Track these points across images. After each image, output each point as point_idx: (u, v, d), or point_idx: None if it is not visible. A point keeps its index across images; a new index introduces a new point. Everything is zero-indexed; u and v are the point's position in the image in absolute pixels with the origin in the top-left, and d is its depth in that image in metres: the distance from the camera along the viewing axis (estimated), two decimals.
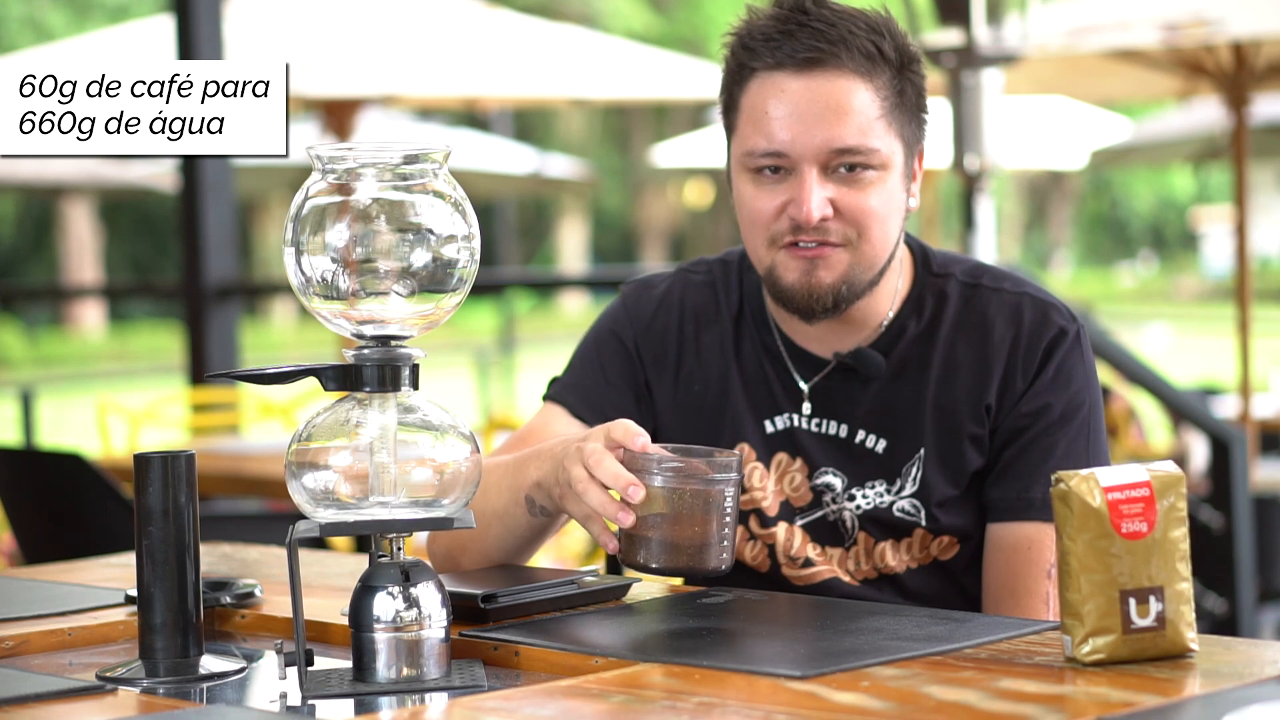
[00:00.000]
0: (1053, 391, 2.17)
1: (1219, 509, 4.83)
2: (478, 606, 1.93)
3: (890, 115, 2.13)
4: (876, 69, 2.12)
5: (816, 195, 2.11)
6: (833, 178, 2.12)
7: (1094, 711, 1.51)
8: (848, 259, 2.14)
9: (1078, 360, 2.19)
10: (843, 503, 2.21)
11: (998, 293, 2.22)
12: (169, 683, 1.80)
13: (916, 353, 2.21)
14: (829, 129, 2.10)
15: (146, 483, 1.81)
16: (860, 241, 2.14)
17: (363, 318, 1.79)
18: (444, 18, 7.56)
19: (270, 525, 4.15)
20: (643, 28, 25.02)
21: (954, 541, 2.19)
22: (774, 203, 2.14)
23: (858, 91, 2.11)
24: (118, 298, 22.88)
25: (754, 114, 2.14)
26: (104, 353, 24.79)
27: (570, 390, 2.30)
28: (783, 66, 2.12)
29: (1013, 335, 2.19)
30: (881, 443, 2.20)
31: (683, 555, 1.86)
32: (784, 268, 2.15)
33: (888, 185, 2.14)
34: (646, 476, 1.87)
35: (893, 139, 2.14)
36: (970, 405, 2.18)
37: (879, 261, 2.16)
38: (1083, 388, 2.18)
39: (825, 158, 2.11)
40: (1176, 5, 5.56)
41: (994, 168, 4.86)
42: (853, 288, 2.16)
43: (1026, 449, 2.16)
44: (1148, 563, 1.67)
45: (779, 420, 2.24)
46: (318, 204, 1.78)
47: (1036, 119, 10.23)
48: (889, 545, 2.19)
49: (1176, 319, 24.24)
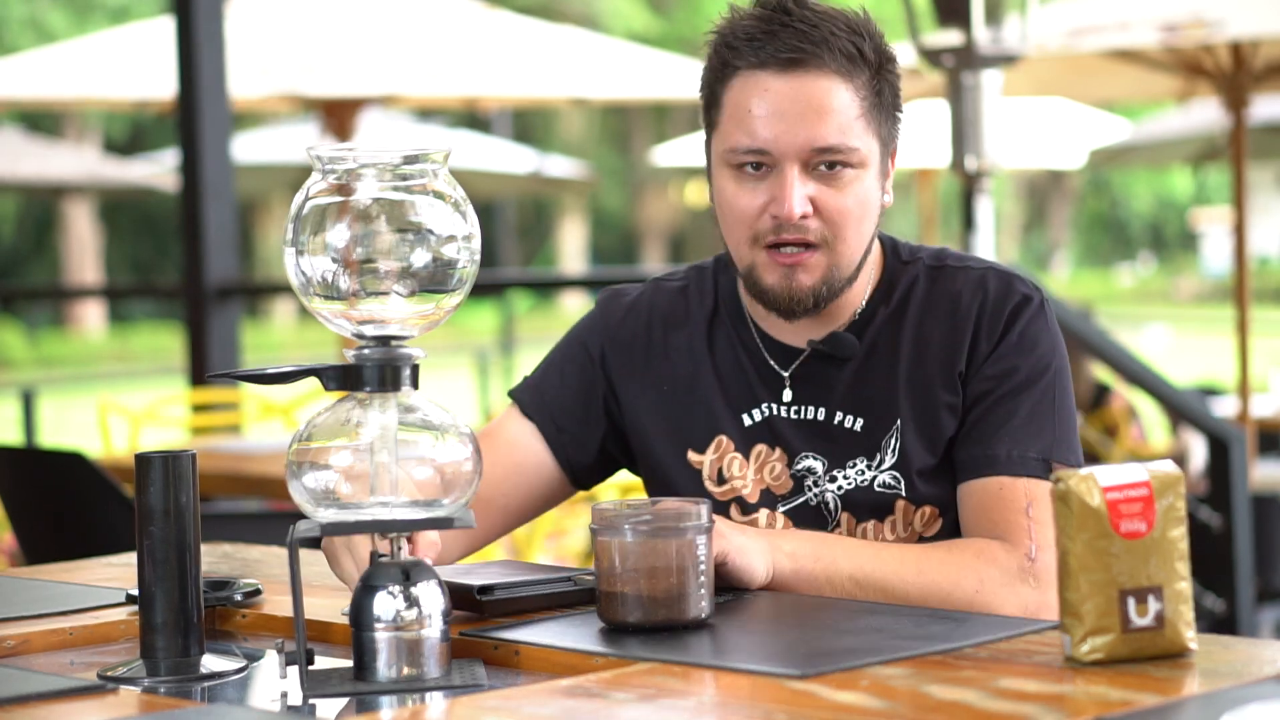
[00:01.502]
0: (1018, 354, 2.21)
1: (1218, 509, 4.84)
2: (473, 598, 1.95)
3: (869, 115, 2.18)
4: (856, 69, 2.16)
5: (798, 192, 2.15)
6: (813, 175, 2.17)
7: (1093, 711, 1.51)
8: (826, 261, 2.19)
9: (1042, 326, 2.23)
10: (824, 485, 2.23)
11: (963, 269, 2.27)
12: (170, 682, 1.80)
13: (887, 333, 2.26)
14: (811, 128, 2.14)
15: (147, 482, 1.82)
16: (837, 242, 2.18)
17: (363, 318, 1.79)
18: (444, 18, 7.57)
19: (271, 525, 4.15)
20: (643, 28, 25.04)
21: (935, 514, 2.21)
22: (756, 201, 2.18)
23: (838, 91, 2.15)
24: (118, 298, 22.88)
25: (737, 112, 2.17)
26: (105, 353, 24.80)
27: (528, 390, 2.38)
28: (765, 66, 2.15)
29: (979, 303, 2.23)
30: (859, 421, 2.23)
31: (660, 609, 1.86)
32: (765, 269, 2.20)
33: (865, 183, 2.18)
34: (617, 533, 1.87)
35: (871, 138, 2.18)
36: (943, 374, 2.22)
37: (855, 259, 2.21)
38: (1047, 352, 2.22)
39: (807, 156, 2.15)
40: (1176, 5, 5.56)
41: (993, 168, 4.86)
42: (831, 287, 2.20)
43: (991, 410, 2.20)
44: (1146, 562, 1.67)
45: (756, 412, 2.27)
46: (318, 204, 1.78)
47: (1036, 119, 10.23)
48: (872, 525, 2.22)
49: (1175, 319, 24.25)
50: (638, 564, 1.86)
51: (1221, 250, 30.69)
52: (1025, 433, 2.18)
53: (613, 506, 1.89)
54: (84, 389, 16.88)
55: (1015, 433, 2.18)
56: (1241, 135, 6.35)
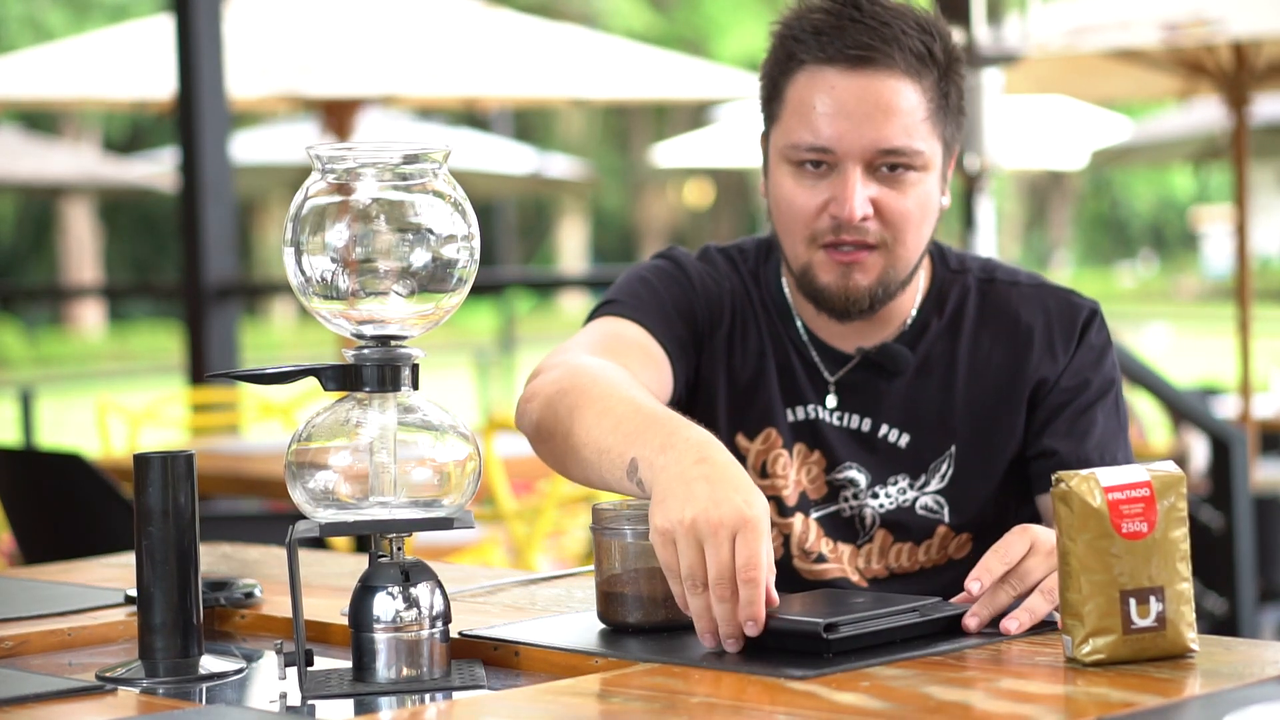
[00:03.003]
0: (1090, 367, 2.21)
1: (1219, 509, 4.83)
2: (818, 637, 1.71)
3: (935, 117, 2.14)
4: (925, 70, 2.12)
5: (860, 194, 2.11)
6: (875, 177, 2.13)
7: (1094, 711, 1.50)
8: (883, 262, 2.15)
9: (1107, 337, 2.24)
10: (865, 499, 2.21)
11: (1015, 286, 2.25)
12: (169, 683, 1.79)
13: (941, 349, 2.23)
14: (876, 128, 2.10)
15: (146, 483, 1.81)
16: (895, 244, 2.15)
17: (362, 318, 1.78)
18: (444, 18, 7.56)
19: (270, 525, 4.15)
20: (643, 28, 25.02)
21: (969, 539, 2.20)
22: (816, 200, 2.14)
23: (906, 92, 2.11)
24: (118, 298, 22.89)
25: (800, 107, 2.13)
26: (104, 353, 24.80)
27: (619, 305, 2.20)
28: (833, 61, 2.11)
29: (1043, 320, 2.22)
30: (905, 437, 2.21)
31: (660, 609, 1.86)
32: (821, 268, 2.16)
33: (926, 186, 2.15)
34: (617, 533, 1.87)
35: (935, 140, 2.15)
36: (1004, 395, 2.20)
37: (912, 262, 2.18)
38: (1113, 364, 2.23)
39: (870, 156, 2.12)
40: (1176, 5, 5.56)
41: (994, 167, 4.86)
42: (888, 289, 2.17)
43: (1073, 422, 2.18)
44: (1148, 563, 1.67)
45: (800, 410, 2.24)
46: (317, 204, 1.78)
47: (1036, 119, 10.23)
48: (908, 547, 2.20)
49: (1176, 319, 24.25)
50: (638, 564, 1.86)
51: (1223, 250, 30.68)
52: (1108, 439, 2.18)
53: (613, 507, 1.89)
54: (83, 389, 16.88)
55: (1101, 440, 2.18)
56: (1243, 135, 6.34)
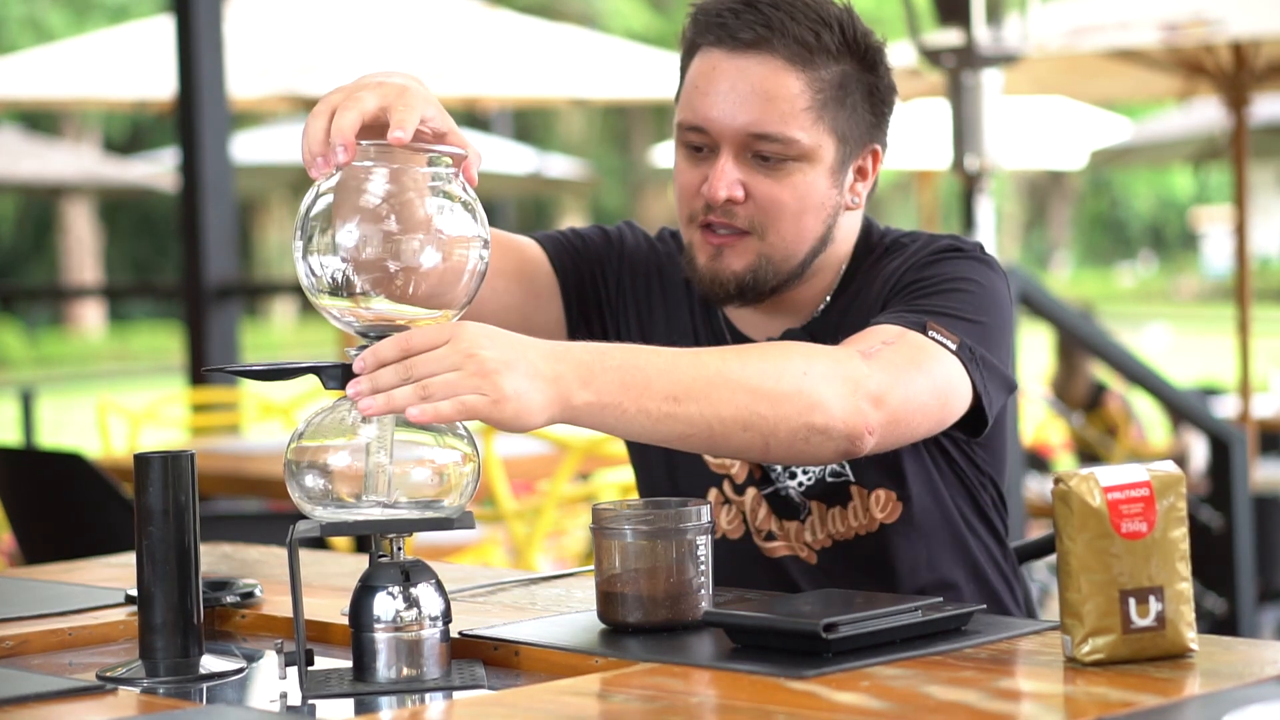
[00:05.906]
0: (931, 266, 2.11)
1: (1219, 509, 4.84)
2: (817, 637, 1.70)
3: (824, 109, 2.12)
4: (814, 59, 2.11)
5: (727, 176, 2.12)
6: (750, 162, 2.13)
7: (1094, 711, 1.51)
8: (756, 247, 2.14)
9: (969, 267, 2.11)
10: (785, 480, 2.21)
11: (914, 240, 2.20)
12: (169, 683, 1.80)
13: (830, 323, 2.20)
14: (749, 112, 2.11)
15: (147, 483, 1.81)
16: (768, 232, 2.14)
17: (372, 316, 1.78)
18: (444, 18, 7.56)
19: (270, 525, 4.15)
20: (643, 28, 25.04)
21: (893, 499, 2.19)
22: (695, 179, 2.15)
23: (787, 80, 2.11)
24: (118, 298, 22.90)
25: (689, 88, 2.16)
26: (104, 353, 24.80)
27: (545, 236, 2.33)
28: (721, 44, 2.13)
29: (904, 257, 2.16)
30: None
31: (661, 609, 1.86)
32: (698, 249, 2.17)
33: (808, 178, 2.13)
34: (617, 533, 1.87)
35: (823, 132, 2.13)
36: None
37: (794, 255, 2.16)
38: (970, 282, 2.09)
39: (743, 140, 2.12)
40: (1176, 5, 5.56)
41: (994, 168, 4.86)
42: (760, 278, 2.15)
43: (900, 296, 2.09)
44: (1147, 563, 1.67)
45: None
46: (329, 201, 1.78)
47: (1036, 119, 10.23)
48: (838, 511, 2.20)
49: (1176, 319, 24.25)
50: (638, 564, 1.86)
51: (1222, 250, 30.69)
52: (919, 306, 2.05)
53: (613, 506, 1.89)
54: (83, 389, 16.88)
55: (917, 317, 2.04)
56: (1243, 135, 6.35)
